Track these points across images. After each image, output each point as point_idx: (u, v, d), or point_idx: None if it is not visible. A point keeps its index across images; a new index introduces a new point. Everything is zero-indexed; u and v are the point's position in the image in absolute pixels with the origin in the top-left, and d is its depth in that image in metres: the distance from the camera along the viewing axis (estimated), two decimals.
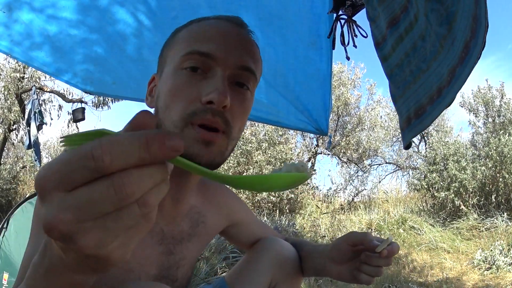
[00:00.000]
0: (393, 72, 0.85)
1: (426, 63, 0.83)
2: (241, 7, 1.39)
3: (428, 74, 0.84)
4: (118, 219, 0.34)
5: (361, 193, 10.10)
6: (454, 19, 0.83)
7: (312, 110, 1.76)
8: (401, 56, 0.83)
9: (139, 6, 1.46)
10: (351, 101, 9.83)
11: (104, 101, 8.03)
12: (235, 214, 1.09)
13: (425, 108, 0.85)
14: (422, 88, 0.84)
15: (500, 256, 4.57)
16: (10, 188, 7.83)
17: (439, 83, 0.84)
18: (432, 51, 0.82)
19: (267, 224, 1.28)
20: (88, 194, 0.32)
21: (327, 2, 1.33)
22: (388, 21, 0.80)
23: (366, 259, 0.94)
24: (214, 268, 3.78)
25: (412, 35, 0.81)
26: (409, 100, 0.87)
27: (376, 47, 0.85)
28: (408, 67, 0.84)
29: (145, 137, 0.32)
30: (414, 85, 0.85)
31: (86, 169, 0.32)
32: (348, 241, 0.99)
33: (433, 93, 0.84)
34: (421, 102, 0.85)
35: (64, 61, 1.75)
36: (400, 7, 0.78)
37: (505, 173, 6.61)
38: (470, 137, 8.70)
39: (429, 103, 0.84)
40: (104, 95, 3.32)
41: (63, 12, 1.44)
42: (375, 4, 0.80)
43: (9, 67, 7.40)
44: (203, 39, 0.76)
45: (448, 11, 0.83)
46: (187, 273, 0.94)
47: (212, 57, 0.74)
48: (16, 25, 1.48)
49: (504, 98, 8.36)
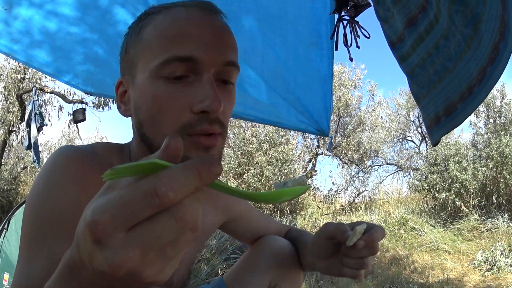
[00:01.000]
0: (414, 72, 0.86)
1: (452, 62, 0.83)
2: (241, 8, 1.38)
3: (456, 73, 0.84)
4: (176, 246, 0.35)
5: (362, 194, 10.09)
6: (479, 20, 0.83)
7: (313, 111, 1.75)
8: (423, 56, 0.84)
9: (140, 6, 1.46)
10: (352, 102, 9.82)
11: (104, 102, 8.03)
12: (232, 209, 1.06)
13: (456, 106, 0.85)
14: (450, 87, 0.85)
15: (501, 257, 4.57)
16: (11, 189, 7.84)
17: (468, 82, 0.84)
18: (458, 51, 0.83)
19: (270, 217, 1.25)
20: (152, 228, 0.34)
21: (328, 2, 1.33)
22: (405, 21, 0.80)
23: (345, 252, 0.86)
24: (215, 269, 3.78)
25: (433, 35, 0.81)
26: (436, 99, 0.87)
27: (391, 47, 0.85)
28: (431, 66, 0.84)
29: (196, 167, 0.34)
30: (440, 84, 0.86)
31: (151, 207, 0.33)
32: (325, 235, 0.92)
33: (464, 91, 0.84)
34: (451, 100, 0.86)
35: (64, 61, 1.74)
36: (417, 7, 0.79)
37: (506, 173, 6.60)
38: (471, 137, 8.69)
39: (460, 101, 0.85)
40: (105, 96, 3.33)
41: (62, 7, 1.44)
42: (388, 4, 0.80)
43: (9, 68, 7.40)
44: (179, 39, 0.67)
45: (473, 12, 0.83)
46: (183, 275, 0.92)
47: (195, 61, 0.67)
48: (16, 22, 1.48)
49: (505, 99, 8.35)
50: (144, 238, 0.34)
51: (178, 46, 0.67)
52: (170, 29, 0.69)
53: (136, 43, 0.73)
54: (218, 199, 0.99)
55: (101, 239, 0.34)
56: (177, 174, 0.33)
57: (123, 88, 0.77)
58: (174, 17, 0.70)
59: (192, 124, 0.67)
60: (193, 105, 0.67)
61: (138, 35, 0.73)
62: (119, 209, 0.33)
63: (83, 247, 0.36)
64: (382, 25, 0.85)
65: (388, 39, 0.85)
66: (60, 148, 0.76)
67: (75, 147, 0.77)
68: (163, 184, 0.33)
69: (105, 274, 0.35)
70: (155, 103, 0.69)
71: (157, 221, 0.34)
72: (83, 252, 0.37)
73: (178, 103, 0.67)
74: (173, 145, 0.36)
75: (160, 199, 0.32)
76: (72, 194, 0.69)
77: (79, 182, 0.70)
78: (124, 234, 0.34)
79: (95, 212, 0.34)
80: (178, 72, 0.67)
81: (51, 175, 0.71)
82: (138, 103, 0.73)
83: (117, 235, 0.33)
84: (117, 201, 0.34)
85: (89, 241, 0.34)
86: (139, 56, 0.72)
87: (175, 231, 0.34)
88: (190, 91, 0.67)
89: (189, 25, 0.69)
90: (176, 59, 0.67)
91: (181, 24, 0.69)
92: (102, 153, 0.78)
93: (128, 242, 0.34)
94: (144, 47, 0.71)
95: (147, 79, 0.69)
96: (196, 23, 0.69)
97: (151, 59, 0.69)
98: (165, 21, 0.70)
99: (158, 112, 0.69)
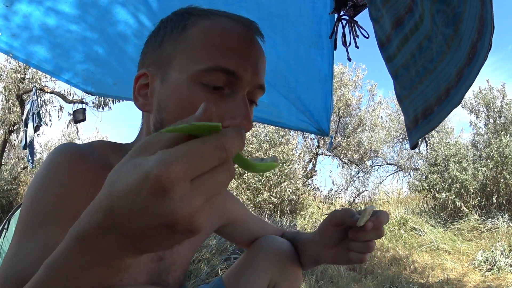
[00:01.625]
0: (398, 73, 0.85)
1: (433, 64, 0.83)
2: (242, 7, 1.38)
3: (436, 75, 0.83)
4: (221, 194, 0.41)
5: (362, 194, 10.09)
6: (460, 20, 0.83)
7: (313, 110, 1.75)
8: (407, 57, 0.83)
9: (140, 6, 1.46)
10: (352, 102, 9.82)
11: (105, 102, 8.03)
12: (228, 212, 1.06)
13: (433, 108, 0.85)
14: (429, 89, 0.84)
15: (501, 257, 4.56)
16: (11, 189, 7.83)
17: (447, 84, 0.83)
18: (439, 52, 0.82)
19: (266, 220, 1.26)
20: (215, 178, 0.39)
21: (329, 2, 1.33)
22: (393, 21, 0.80)
23: (353, 235, 0.89)
24: (215, 269, 3.78)
25: (417, 35, 0.80)
26: (416, 101, 0.86)
27: (380, 47, 0.85)
28: (414, 67, 0.83)
29: (240, 133, 0.41)
30: (420, 85, 0.85)
31: (218, 159, 0.39)
32: (331, 223, 0.94)
33: (441, 93, 0.84)
34: (428, 102, 0.85)
35: (64, 59, 1.74)
36: (405, 7, 0.78)
37: (506, 173, 6.60)
38: (471, 138, 8.69)
39: (437, 103, 0.84)
40: (105, 95, 3.33)
41: (62, 5, 1.44)
42: (379, 4, 0.80)
43: (9, 68, 7.41)
44: (226, 52, 0.69)
45: (455, 12, 0.83)
46: (179, 277, 0.92)
47: (236, 76, 0.69)
48: (15, 17, 1.47)
49: (505, 99, 8.35)
50: (208, 187, 0.38)
51: (224, 58, 0.68)
52: (218, 39, 0.70)
53: (177, 40, 0.72)
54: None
55: (170, 188, 0.36)
56: (235, 135, 0.40)
57: (145, 80, 0.75)
58: (224, 28, 0.71)
59: None
60: (225, 118, 0.69)
61: (181, 33, 0.72)
62: (192, 159, 0.37)
63: (131, 203, 0.38)
64: (374, 25, 0.84)
65: (378, 39, 0.85)
66: (59, 145, 0.76)
67: (74, 144, 0.77)
68: (228, 140, 0.39)
69: (155, 228, 0.38)
70: (188, 107, 0.69)
71: (218, 172, 0.39)
72: (125, 210, 0.38)
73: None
74: (211, 110, 0.42)
75: (227, 153, 0.39)
76: (68, 188, 0.70)
77: (76, 177, 0.71)
78: (189, 184, 0.38)
79: (166, 162, 0.36)
80: (218, 83, 0.68)
81: (49, 169, 0.72)
82: (166, 101, 0.72)
83: (185, 185, 0.37)
84: (188, 152, 0.37)
85: (151, 193, 0.36)
86: (179, 54, 0.71)
87: (228, 181, 0.40)
88: (223, 104, 0.69)
89: (237, 41, 0.70)
90: (221, 70, 0.68)
91: (230, 37, 0.70)
92: (100, 151, 0.78)
93: (194, 191, 0.38)
94: (187, 48, 0.70)
95: (184, 81, 0.69)
96: (243, 41, 0.71)
97: (194, 62, 0.69)
98: (214, 29, 0.71)
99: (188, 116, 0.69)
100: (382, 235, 0.87)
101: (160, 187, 0.36)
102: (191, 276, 3.50)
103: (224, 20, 0.73)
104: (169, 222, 0.37)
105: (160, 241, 0.40)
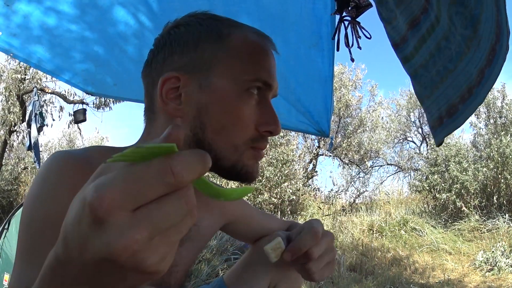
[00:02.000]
0: (418, 73, 0.87)
1: (453, 63, 0.84)
2: (242, 9, 1.38)
3: (456, 74, 0.85)
4: (179, 230, 0.34)
5: (362, 195, 10.09)
6: (478, 21, 0.84)
7: (314, 111, 1.75)
8: (426, 57, 0.84)
9: (140, 7, 1.46)
10: (352, 102, 9.82)
11: (105, 102, 8.04)
12: (228, 212, 1.06)
13: (457, 107, 0.87)
14: (451, 88, 0.86)
15: (502, 258, 4.56)
16: (12, 189, 7.85)
17: (468, 83, 0.85)
18: (458, 52, 0.83)
19: (271, 215, 1.26)
20: (161, 209, 0.33)
21: (329, 3, 1.33)
22: (408, 22, 0.81)
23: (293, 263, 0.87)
24: (215, 270, 3.78)
25: (435, 36, 0.81)
26: (438, 100, 0.88)
27: (395, 48, 0.86)
28: (434, 67, 0.85)
29: (202, 154, 0.35)
30: (442, 84, 0.86)
31: (164, 185, 0.32)
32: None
33: (464, 92, 0.85)
34: (452, 101, 0.87)
35: (64, 59, 1.74)
36: (419, 8, 0.79)
37: (506, 174, 6.60)
38: (471, 138, 8.69)
39: (460, 102, 0.86)
40: (105, 96, 3.33)
41: (62, 5, 1.44)
42: (392, 5, 0.80)
43: (10, 69, 7.41)
44: (264, 66, 0.77)
45: (472, 14, 0.84)
46: (181, 279, 0.92)
47: (270, 88, 0.78)
48: (15, 17, 1.47)
49: (506, 99, 8.35)
50: (153, 219, 0.32)
51: (264, 71, 0.76)
52: (259, 52, 0.77)
53: (218, 47, 0.74)
54: (213, 204, 0.99)
55: (105, 218, 0.31)
56: (190, 157, 0.33)
57: (175, 84, 0.74)
58: (259, 42, 0.79)
59: (257, 139, 0.76)
60: (259, 124, 0.75)
61: (221, 41, 0.75)
62: (130, 185, 0.32)
63: (76, 233, 0.34)
64: (385, 26, 0.85)
65: (391, 40, 0.86)
66: (54, 154, 0.74)
67: (69, 153, 0.75)
68: (179, 163, 0.33)
69: (101, 263, 0.33)
70: (235, 114, 0.73)
71: (167, 202, 0.33)
72: (74, 241, 0.34)
73: (252, 118, 0.75)
74: (176, 134, 0.35)
75: (175, 178, 0.32)
76: (65, 202, 0.68)
77: (73, 189, 0.69)
78: (130, 213, 0.32)
79: (100, 188, 0.32)
80: (256, 91, 0.76)
81: (45, 181, 0.71)
82: (208, 107, 0.73)
83: (124, 214, 0.32)
84: (127, 177, 0.32)
85: (88, 223, 0.32)
86: (222, 61, 0.74)
87: (182, 213, 0.34)
88: (258, 110, 0.76)
89: (267, 54, 0.78)
90: (262, 81, 0.75)
91: (263, 51, 0.78)
92: (97, 157, 0.75)
93: (135, 222, 0.32)
94: (230, 56, 0.74)
95: (232, 88, 0.74)
96: (270, 55, 0.79)
97: (241, 71, 0.74)
98: (251, 42, 0.77)
99: (235, 123, 0.74)
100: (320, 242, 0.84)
101: (95, 216, 0.32)
102: (192, 277, 3.50)
103: (255, 34, 0.80)
104: (108, 256, 0.32)
105: (114, 280, 0.36)
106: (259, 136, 0.76)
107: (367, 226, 6.87)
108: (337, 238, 6.32)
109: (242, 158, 0.75)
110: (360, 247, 5.88)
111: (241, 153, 0.75)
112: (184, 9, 1.43)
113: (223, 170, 0.76)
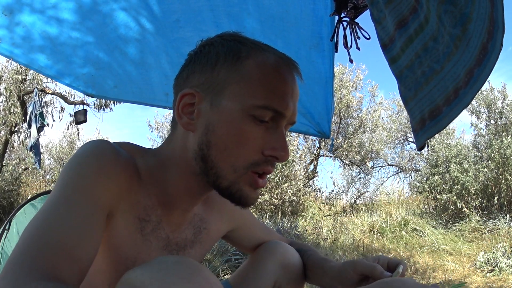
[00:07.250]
0: (403, 74, 0.85)
1: (440, 64, 0.83)
2: (243, 10, 1.38)
3: (443, 75, 0.83)
4: None
5: (363, 195, 10.09)
6: (468, 20, 0.82)
7: (314, 113, 1.75)
8: (411, 57, 0.83)
9: (141, 10, 1.46)
10: (353, 103, 9.82)
11: (106, 103, 8.05)
12: (236, 219, 1.09)
13: (441, 109, 0.84)
14: (436, 89, 0.84)
15: (503, 258, 4.55)
16: (12, 190, 7.84)
17: (455, 84, 0.83)
18: (446, 52, 0.82)
19: (271, 228, 1.28)
20: None
21: (329, 4, 1.33)
22: (396, 22, 0.80)
23: None
24: (216, 270, 3.78)
25: (422, 36, 0.80)
26: (422, 101, 0.86)
27: (383, 48, 0.85)
28: (419, 68, 0.83)
29: None
30: (426, 86, 0.85)
31: None
32: (356, 272, 0.98)
33: (450, 94, 0.83)
34: (436, 103, 0.84)
35: (65, 65, 1.74)
36: (409, 8, 0.78)
37: (507, 174, 6.59)
38: (472, 139, 8.66)
39: (445, 104, 0.84)
40: (106, 98, 3.33)
41: (63, 12, 1.44)
42: (381, 5, 0.80)
43: (11, 69, 7.42)
44: (278, 94, 0.76)
45: (462, 12, 0.82)
46: None
47: (282, 115, 0.77)
48: (17, 27, 1.48)
49: (506, 100, 8.33)
50: None
51: (276, 99, 0.75)
52: (271, 78, 0.76)
53: (233, 70, 0.76)
54: (224, 207, 1.02)
55: None
56: None
57: (191, 100, 0.78)
58: (275, 67, 0.77)
59: (259, 163, 0.76)
60: (266, 148, 0.76)
61: (236, 63, 0.77)
62: None
63: None
64: (376, 26, 0.84)
65: (380, 40, 0.85)
66: (94, 141, 0.77)
67: (108, 142, 0.78)
68: None
69: None
70: (238, 137, 0.75)
71: None
72: None
73: (256, 143, 0.75)
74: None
75: None
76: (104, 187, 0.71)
77: (111, 177, 0.73)
78: None
79: None
80: (265, 118, 0.75)
81: (84, 165, 0.72)
82: (215, 126, 0.76)
83: None
84: None
85: None
86: (233, 84, 0.76)
87: None
88: (266, 136, 0.76)
89: (285, 81, 0.77)
90: (272, 109, 0.75)
91: (280, 78, 0.77)
92: (128, 152, 0.81)
93: None
94: (242, 80, 0.76)
95: (238, 111, 0.75)
96: (289, 82, 0.78)
97: (249, 96, 0.75)
98: (267, 67, 0.77)
99: (237, 145, 0.75)
100: None
101: None
102: None
103: (274, 58, 0.78)
104: None
105: None
106: (263, 160, 0.76)
107: (368, 226, 6.86)
108: (338, 239, 6.32)
109: (239, 180, 0.76)
110: (361, 247, 5.87)
111: (240, 175, 0.76)
112: (184, 11, 1.44)
113: (220, 189, 0.78)
